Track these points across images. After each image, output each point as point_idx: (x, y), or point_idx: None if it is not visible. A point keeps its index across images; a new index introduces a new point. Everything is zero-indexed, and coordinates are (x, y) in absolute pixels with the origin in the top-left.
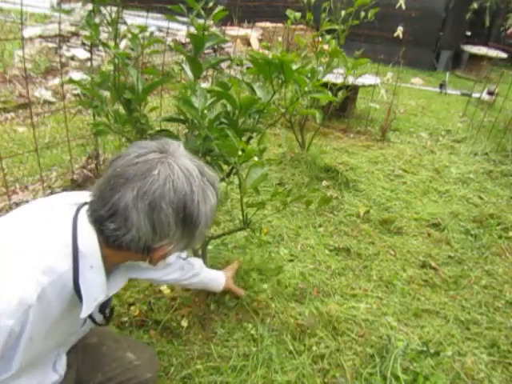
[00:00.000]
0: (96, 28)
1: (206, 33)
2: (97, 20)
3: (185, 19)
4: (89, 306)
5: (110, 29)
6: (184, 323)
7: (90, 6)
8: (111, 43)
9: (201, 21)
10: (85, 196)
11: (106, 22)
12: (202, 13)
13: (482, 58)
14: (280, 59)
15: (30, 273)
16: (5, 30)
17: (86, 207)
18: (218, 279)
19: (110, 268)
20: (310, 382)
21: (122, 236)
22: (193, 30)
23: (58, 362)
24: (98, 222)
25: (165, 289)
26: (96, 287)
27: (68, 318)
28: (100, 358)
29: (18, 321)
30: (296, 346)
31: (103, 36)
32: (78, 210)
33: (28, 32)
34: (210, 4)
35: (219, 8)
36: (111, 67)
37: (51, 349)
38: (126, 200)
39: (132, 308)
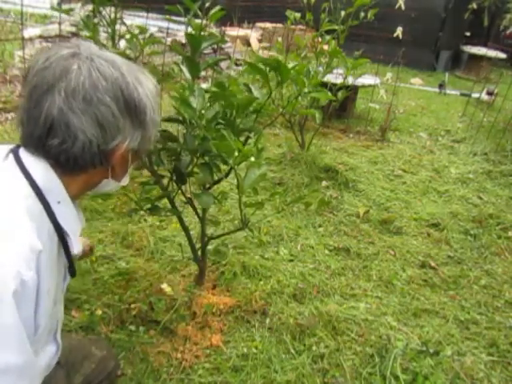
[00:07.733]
0: (94, 29)
1: (203, 33)
2: (96, 20)
3: (184, 19)
4: (76, 241)
5: (109, 29)
6: (184, 323)
7: (90, 7)
8: (110, 43)
9: (199, 21)
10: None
11: (104, 22)
12: (199, 13)
13: (481, 58)
14: (276, 59)
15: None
16: (5, 31)
17: (21, 145)
18: None
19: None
20: (310, 382)
21: (71, 147)
22: (191, 30)
23: (58, 331)
24: (39, 145)
25: (165, 287)
26: (71, 219)
27: (57, 271)
28: (74, 360)
29: (36, 270)
30: (296, 346)
31: (103, 36)
32: (15, 154)
33: (28, 32)
34: (207, 4)
35: (217, 8)
36: None
37: (55, 313)
38: (58, 105)
39: (132, 307)
